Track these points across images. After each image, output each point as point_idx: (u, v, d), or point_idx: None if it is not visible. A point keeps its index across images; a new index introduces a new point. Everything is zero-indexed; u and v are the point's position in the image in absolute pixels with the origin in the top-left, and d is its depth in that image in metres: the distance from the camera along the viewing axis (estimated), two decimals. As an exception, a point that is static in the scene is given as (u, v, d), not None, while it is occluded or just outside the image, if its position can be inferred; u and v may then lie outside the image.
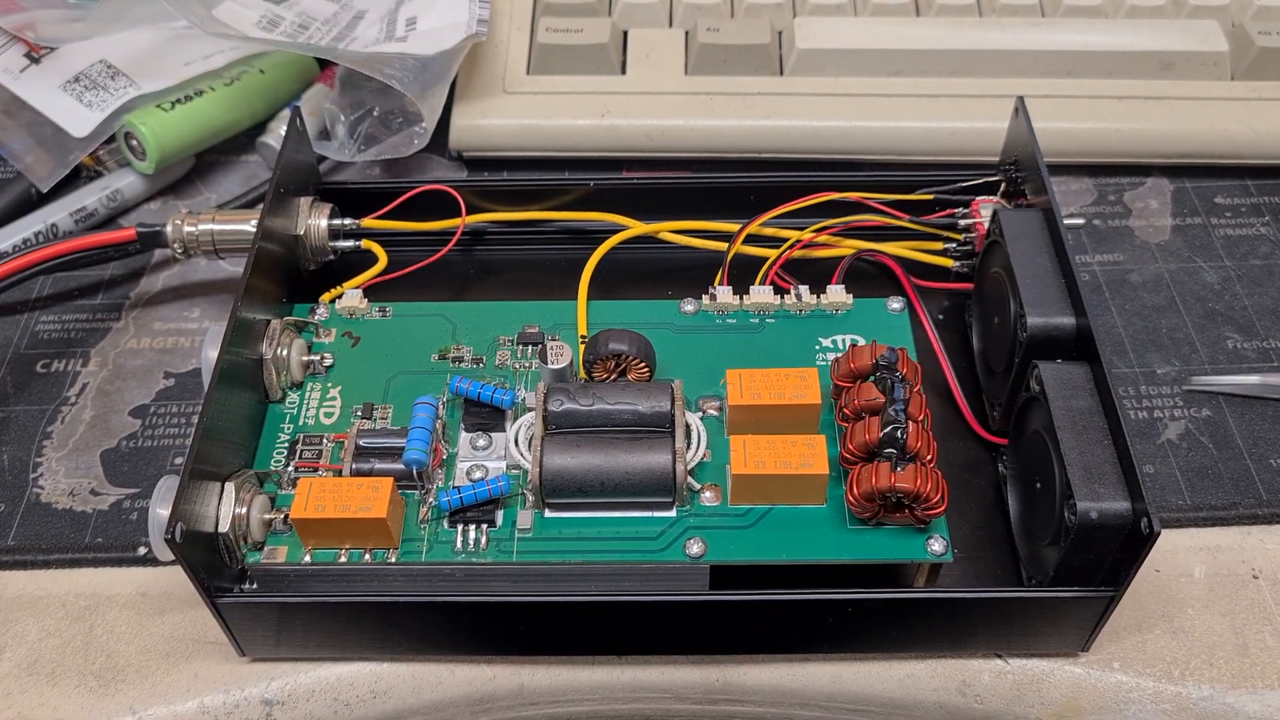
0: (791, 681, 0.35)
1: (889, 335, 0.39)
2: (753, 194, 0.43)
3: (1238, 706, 0.33)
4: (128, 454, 0.39)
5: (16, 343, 0.43)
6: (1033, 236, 0.37)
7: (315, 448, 0.36)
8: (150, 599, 0.36)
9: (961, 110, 0.48)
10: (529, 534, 0.34)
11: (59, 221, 0.46)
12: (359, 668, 0.34)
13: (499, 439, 0.36)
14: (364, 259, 0.42)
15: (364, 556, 0.33)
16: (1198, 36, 0.49)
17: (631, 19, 0.51)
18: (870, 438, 0.33)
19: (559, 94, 0.49)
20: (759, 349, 0.38)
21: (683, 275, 0.43)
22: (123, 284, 0.45)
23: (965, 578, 0.35)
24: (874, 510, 0.33)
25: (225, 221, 0.41)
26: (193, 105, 0.47)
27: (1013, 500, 0.36)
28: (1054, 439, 0.32)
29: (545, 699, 0.35)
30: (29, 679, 0.34)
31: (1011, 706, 0.34)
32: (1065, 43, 0.49)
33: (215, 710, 0.34)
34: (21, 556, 0.36)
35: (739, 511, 0.34)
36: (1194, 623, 0.35)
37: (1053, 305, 0.35)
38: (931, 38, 0.49)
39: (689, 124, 0.48)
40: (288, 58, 0.50)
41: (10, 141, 0.47)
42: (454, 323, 0.39)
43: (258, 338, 0.36)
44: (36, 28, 0.47)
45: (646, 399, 0.34)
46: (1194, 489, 0.38)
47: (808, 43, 0.49)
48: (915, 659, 0.35)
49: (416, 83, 0.45)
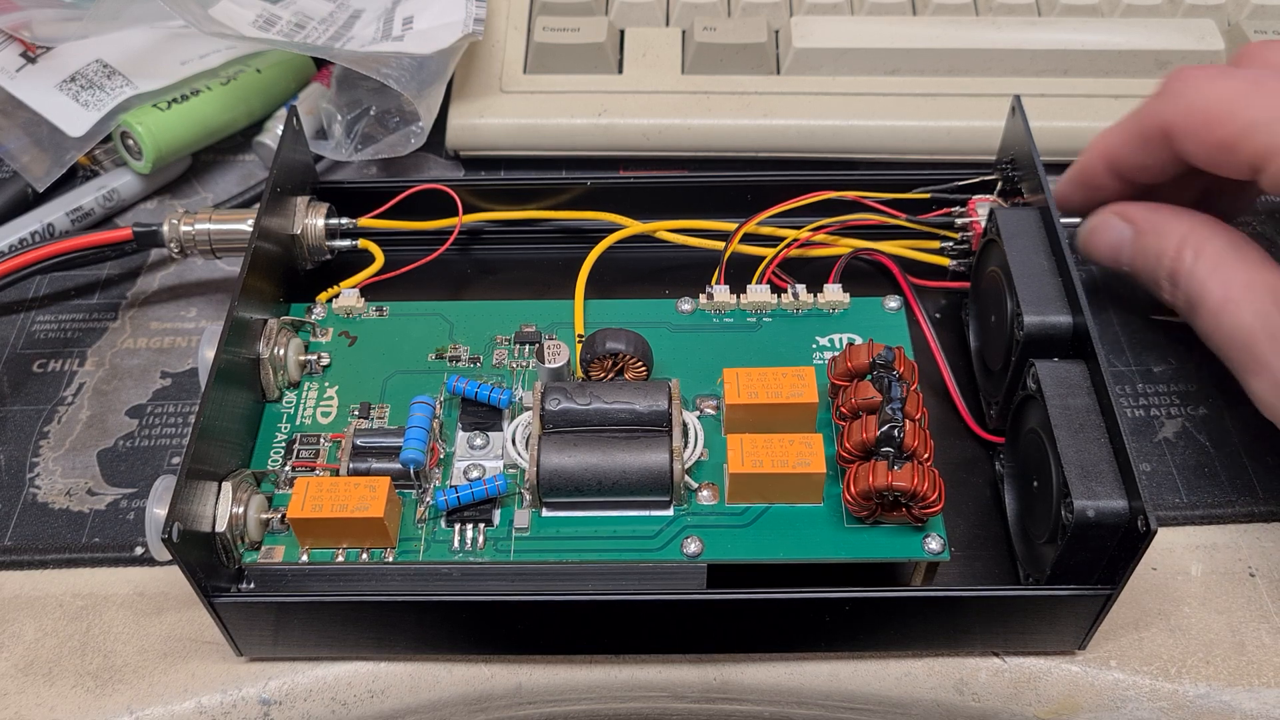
0: (789, 680, 0.35)
1: (886, 334, 0.39)
2: (750, 193, 0.43)
3: (1234, 704, 0.33)
4: (124, 454, 0.39)
5: (13, 342, 0.43)
6: (1029, 235, 0.37)
7: (312, 447, 0.36)
8: (147, 599, 0.36)
9: (958, 109, 0.48)
10: (526, 533, 0.34)
11: (55, 221, 0.46)
12: (356, 667, 0.34)
13: (496, 438, 0.36)
14: (361, 258, 0.42)
15: (361, 556, 0.33)
16: (1194, 35, 0.49)
17: (628, 18, 0.51)
18: (867, 436, 0.33)
19: (556, 93, 0.49)
20: (756, 348, 0.38)
21: (680, 274, 0.43)
22: (119, 284, 0.45)
23: (962, 576, 0.35)
24: (871, 509, 0.33)
25: (222, 221, 0.41)
26: (189, 105, 0.47)
27: (1010, 499, 0.36)
28: (1051, 437, 0.32)
29: (543, 698, 0.35)
30: (26, 679, 0.34)
31: (1009, 704, 0.34)
32: (1062, 41, 0.49)
33: (213, 710, 0.33)
34: (18, 556, 0.36)
35: (736, 510, 0.34)
36: (1191, 621, 0.35)
37: (1049, 304, 0.35)
38: (928, 37, 0.49)
39: (686, 123, 0.48)
40: (284, 57, 0.50)
41: (6, 141, 0.47)
42: (451, 322, 0.39)
43: (255, 337, 0.36)
44: (32, 27, 0.47)
45: (644, 398, 0.34)
46: (1191, 487, 0.38)
47: (804, 42, 0.49)
48: (912, 657, 0.35)
49: (413, 82, 0.45)
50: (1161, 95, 0.37)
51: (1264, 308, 0.34)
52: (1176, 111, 0.36)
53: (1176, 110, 0.36)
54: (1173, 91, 0.37)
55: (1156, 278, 0.37)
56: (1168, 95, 0.37)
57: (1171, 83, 0.37)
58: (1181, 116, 0.36)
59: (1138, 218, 0.38)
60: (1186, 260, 0.36)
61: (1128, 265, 0.39)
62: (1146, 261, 0.37)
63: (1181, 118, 0.36)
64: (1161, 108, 0.37)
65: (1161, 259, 0.37)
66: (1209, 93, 0.35)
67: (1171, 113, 0.36)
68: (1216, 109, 0.35)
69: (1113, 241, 0.39)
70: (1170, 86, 0.37)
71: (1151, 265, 0.37)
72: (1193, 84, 0.36)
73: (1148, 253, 0.37)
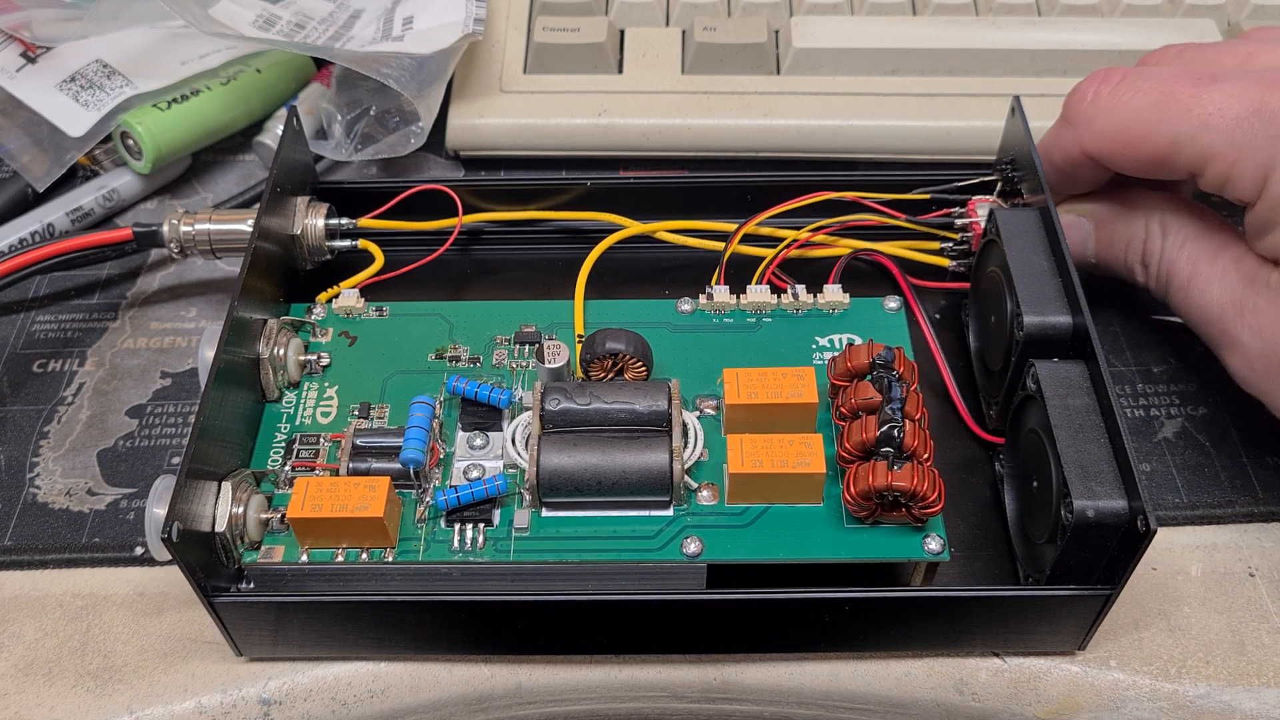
0: (789, 680, 0.35)
1: (886, 334, 0.39)
2: (749, 193, 0.43)
3: (1234, 704, 0.33)
4: (124, 454, 0.39)
5: (13, 343, 0.43)
6: (1029, 236, 0.37)
7: (312, 447, 0.36)
8: (147, 599, 0.36)
9: (958, 109, 0.48)
10: (526, 533, 0.34)
11: (55, 221, 0.46)
12: (356, 667, 0.34)
13: (496, 438, 0.36)
14: (361, 258, 0.42)
15: (361, 556, 0.33)
16: (1193, 35, 0.49)
17: (628, 18, 0.51)
18: (867, 436, 0.33)
19: (556, 93, 0.49)
20: (756, 348, 0.38)
21: (680, 274, 0.43)
22: (119, 284, 0.45)
23: (962, 576, 0.35)
24: (871, 509, 0.33)
25: (222, 221, 0.41)
26: (189, 105, 0.47)
27: (1009, 499, 0.36)
28: (1050, 438, 0.32)
29: (543, 698, 0.35)
30: (26, 679, 0.34)
31: (1008, 704, 0.34)
32: (1062, 41, 0.49)
33: (212, 710, 0.33)
34: (18, 556, 0.36)
35: (736, 510, 0.34)
36: (1191, 620, 0.35)
37: (1049, 304, 0.35)
38: (928, 37, 0.49)
39: (686, 123, 0.48)
40: (284, 57, 0.50)
41: (6, 141, 0.47)
42: (451, 322, 0.39)
43: (254, 337, 0.36)
44: (32, 27, 0.47)
45: (644, 398, 0.34)
46: (1190, 487, 0.38)
47: (804, 42, 0.49)
48: (912, 657, 0.35)
49: (413, 82, 0.45)
50: (1072, 120, 0.36)
51: (1231, 282, 0.34)
52: (1094, 137, 0.35)
53: (1093, 135, 0.35)
54: (1083, 117, 0.35)
55: (1128, 263, 0.37)
56: (1078, 120, 0.36)
57: (1077, 103, 0.36)
58: (1099, 142, 0.35)
59: (1096, 212, 0.38)
60: (1155, 241, 0.36)
61: (1094, 259, 0.39)
62: (1115, 251, 0.37)
63: (1100, 143, 0.35)
64: (1078, 137, 0.36)
65: (1131, 243, 0.37)
66: (1118, 113, 0.34)
67: (1089, 139, 0.35)
68: (1131, 129, 0.34)
69: (1076, 239, 0.39)
70: (1077, 108, 0.36)
71: (1120, 253, 0.37)
72: (1100, 104, 0.35)
73: (1115, 242, 0.37)
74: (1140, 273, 0.37)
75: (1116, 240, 0.37)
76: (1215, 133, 0.33)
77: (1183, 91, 0.34)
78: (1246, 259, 0.34)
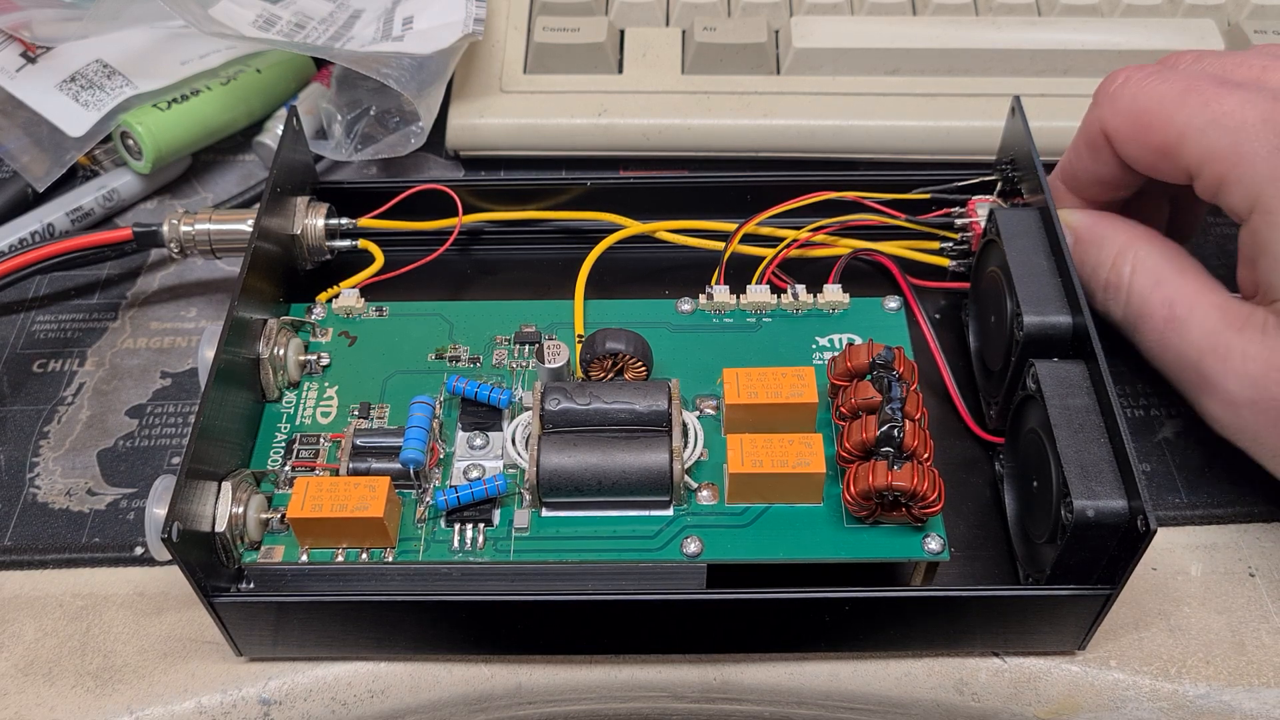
0: (789, 680, 0.35)
1: (886, 334, 0.39)
2: (749, 193, 0.43)
3: (1234, 704, 0.33)
4: (124, 454, 0.39)
5: (13, 343, 0.43)
6: (1029, 235, 0.37)
7: (312, 447, 0.36)
8: (147, 599, 0.36)
9: (958, 109, 0.48)
10: (526, 533, 0.34)
11: (55, 221, 0.46)
12: (356, 667, 0.34)
13: (496, 438, 0.36)
14: (361, 258, 0.42)
15: (361, 556, 0.33)
16: (1194, 35, 0.49)
17: (628, 18, 0.51)
18: (867, 436, 0.33)
19: (556, 93, 0.49)
20: (756, 348, 0.38)
21: (680, 274, 0.43)
22: (119, 284, 0.45)
23: (962, 576, 0.35)
24: (871, 509, 0.33)
25: (222, 221, 0.41)
26: (189, 105, 0.47)
27: (1009, 499, 0.36)
28: (1050, 437, 0.32)
29: (542, 698, 0.35)
30: (26, 679, 0.34)
31: (1008, 704, 0.34)
32: (1062, 41, 0.49)
33: (212, 710, 0.33)
34: (18, 556, 0.36)
35: (736, 510, 0.34)
36: (1191, 620, 0.35)
37: (1049, 304, 0.35)
38: (928, 37, 0.49)
39: (686, 123, 0.48)
40: (284, 57, 0.50)
41: (6, 141, 0.47)
42: (451, 322, 0.39)
43: (254, 337, 0.36)
44: (32, 27, 0.47)
45: (644, 398, 0.34)
46: (1191, 487, 0.38)
47: (804, 42, 0.49)
48: (912, 657, 0.35)
49: (413, 82, 0.45)
50: (1099, 99, 0.37)
51: (1212, 326, 0.34)
52: (1114, 114, 0.36)
53: (1114, 113, 0.36)
54: (1109, 94, 0.36)
55: (1091, 286, 0.37)
56: (1104, 99, 0.37)
57: (1107, 85, 0.37)
58: (1118, 120, 0.36)
59: (1079, 225, 0.38)
60: (1125, 273, 0.36)
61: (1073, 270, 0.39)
62: (1084, 270, 0.37)
63: (1118, 121, 0.36)
64: (1100, 113, 0.37)
65: (1099, 270, 0.37)
66: (1142, 96, 0.35)
67: (1109, 116, 0.36)
68: (1150, 113, 0.35)
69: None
70: (1106, 89, 0.37)
71: (1088, 274, 0.37)
72: (1128, 86, 0.36)
73: (1086, 262, 0.37)
74: (1100, 299, 0.37)
75: (1086, 262, 0.37)
76: (1222, 131, 0.33)
77: (1207, 88, 0.34)
78: (1231, 304, 0.34)
